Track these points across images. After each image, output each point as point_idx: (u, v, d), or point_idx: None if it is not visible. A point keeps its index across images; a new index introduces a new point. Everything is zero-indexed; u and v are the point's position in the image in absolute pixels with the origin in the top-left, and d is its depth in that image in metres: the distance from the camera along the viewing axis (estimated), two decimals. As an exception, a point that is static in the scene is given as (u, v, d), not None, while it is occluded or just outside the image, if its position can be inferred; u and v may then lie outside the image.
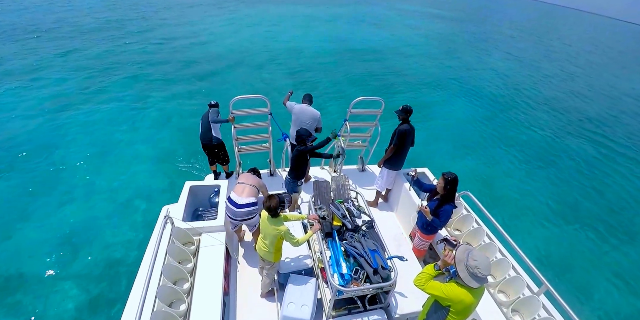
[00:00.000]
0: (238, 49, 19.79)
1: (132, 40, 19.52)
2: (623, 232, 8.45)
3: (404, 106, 4.97)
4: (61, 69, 14.29)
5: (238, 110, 5.15)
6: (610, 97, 20.46)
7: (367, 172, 6.48)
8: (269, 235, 3.52)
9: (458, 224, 5.02)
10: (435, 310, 2.81)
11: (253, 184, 4.20)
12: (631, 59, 39.64)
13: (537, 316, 3.60)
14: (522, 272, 4.06)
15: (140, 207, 7.41)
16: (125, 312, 3.21)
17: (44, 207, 7.13)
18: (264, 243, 3.60)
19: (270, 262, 3.70)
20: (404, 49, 24.83)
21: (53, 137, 9.52)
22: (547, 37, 45.03)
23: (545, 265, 5.87)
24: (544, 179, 10.52)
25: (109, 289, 5.67)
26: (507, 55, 27.70)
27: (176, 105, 12.23)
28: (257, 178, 4.42)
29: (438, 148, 10.83)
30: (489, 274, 2.55)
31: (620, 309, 6.20)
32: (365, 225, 4.08)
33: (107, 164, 8.67)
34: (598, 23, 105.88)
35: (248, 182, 4.18)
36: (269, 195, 3.47)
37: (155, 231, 3.96)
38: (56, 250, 6.28)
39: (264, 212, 3.57)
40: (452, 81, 18.66)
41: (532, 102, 17.21)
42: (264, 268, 3.86)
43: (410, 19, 40.11)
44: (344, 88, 15.60)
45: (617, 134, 14.79)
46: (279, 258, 3.74)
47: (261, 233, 3.66)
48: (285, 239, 3.52)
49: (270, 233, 3.48)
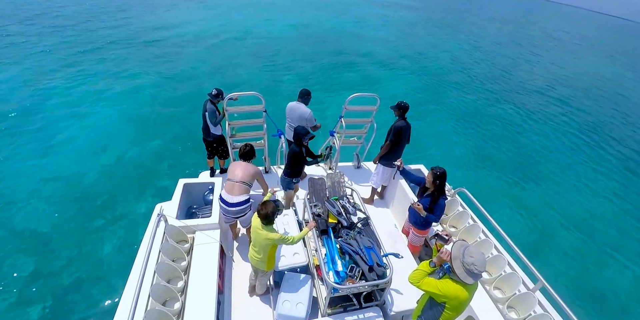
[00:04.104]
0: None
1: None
2: (525, 175, 10.73)
3: (399, 102, 4.94)
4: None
5: (232, 108, 5.10)
6: (546, 79, 22.31)
7: (362, 169, 6.46)
8: (259, 244, 3.37)
9: (454, 221, 5.02)
10: (430, 306, 2.80)
11: (242, 179, 3.99)
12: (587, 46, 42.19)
13: (533, 312, 3.60)
14: (517, 268, 4.06)
15: (133, 205, 7.34)
16: (119, 311, 3.17)
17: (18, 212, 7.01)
18: (254, 251, 3.47)
19: (263, 270, 3.61)
20: (364, 32, 27.21)
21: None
22: (523, 27, 47.83)
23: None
24: (468, 134, 12.63)
25: (101, 287, 5.60)
26: (467, 42, 29.50)
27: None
28: (248, 167, 4.10)
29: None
30: (484, 270, 2.54)
31: (518, 234, 7.95)
32: (360, 222, 4.05)
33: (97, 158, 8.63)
34: (577, 16, 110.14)
35: (237, 179, 3.99)
36: (263, 201, 3.33)
37: (149, 229, 3.91)
38: (39, 247, 6.20)
39: (256, 219, 3.38)
40: (403, 60, 20.79)
41: (473, 78, 19.55)
42: (257, 274, 3.77)
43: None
44: (301, 64, 17.40)
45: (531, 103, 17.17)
46: (272, 266, 3.64)
47: (252, 241, 3.50)
48: (279, 244, 3.43)
49: (262, 242, 3.34)
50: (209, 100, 5.55)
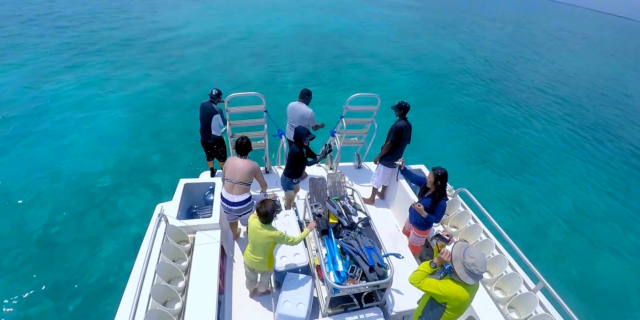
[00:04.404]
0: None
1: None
2: (517, 167, 11.01)
3: (399, 102, 4.93)
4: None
5: (234, 108, 5.10)
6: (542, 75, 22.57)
7: (363, 169, 6.45)
8: (260, 244, 3.34)
9: (455, 221, 5.01)
10: (431, 307, 2.79)
11: (240, 180, 3.95)
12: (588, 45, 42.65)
13: (534, 313, 3.59)
14: (518, 269, 4.05)
15: (133, 205, 7.35)
16: (119, 311, 3.17)
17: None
18: (253, 253, 3.43)
19: (264, 271, 3.60)
20: (365, 32, 27.36)
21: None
22: (523, 26, 48.04)
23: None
24: (464, 130, 12.89)
25: (102, 288, 5.60)
26: (468, 42, 29.46)
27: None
28: (245, 165, 3.96)
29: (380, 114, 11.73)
30: (485, 270, 2.54)
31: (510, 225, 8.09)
32: (361, 222, 4.05)
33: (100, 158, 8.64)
34: (577, 15, 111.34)
35: (235, 180, 3.97)
36: (263, 200, 3.29)
37: (149, 229, 3.92)
38: (40, 248, 6.21)
39: (253, 220, 3.34)
40: (405, 60, 20.76)
41: (474, 78, 19.61)
42: (257, 275, 3.75)
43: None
44: (302, 64, 17.51)
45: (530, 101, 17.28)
46: (272, 265, 3.63)
47: (249, 244, 3.45)
48: (280, 242, 3.42)
49: (262, 242, 3.31)
50: (210, 102, 5.56)
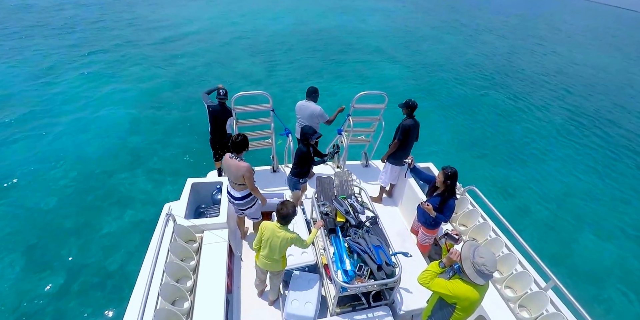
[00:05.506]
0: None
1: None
2: (511, 156, 11.22)
3: (406, 100, 4.89)
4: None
5: (240, 107, 5.11)
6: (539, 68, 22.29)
7: (370, 168, 6.42)
8: (277, 246, 3.29)
9: (463, 219, 4.96)
10: (440, 307, 2.76)
11: (235, 180, 3.94)
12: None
13: (545, 311, 3.54)
14: (529, 267, 4.00)
15: (141, 205, 7.41)
16: (128, 310, 3.20)
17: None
18: (269, 254, 3.38)
19: (280, 270, 3.60)
20: (370, 28, 27.22)
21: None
22: (527, 20, 47.96)
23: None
24: (459, 120, 13.13)
25: (110, 287, 5.65)
26: (473, 38, 29.17)
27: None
28: (236, 167, 3.79)
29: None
30: (495, 270, 2.50)
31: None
32: (369, 221, 4.02)
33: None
34: (579, 8, 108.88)
35: (230, 178, 3.99)
36: (284, 201, 3.25)
37: (157, 229, 3.94)
38: (45, 246, 6.27)
39: (269, 224, 3.32)
40: (411, 57, 20.68)
41: (480, 74, 19.40)
42: (267, 275, 3.75)
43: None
44: (309, 62, 17.67)
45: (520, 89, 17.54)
46: (286, 263, 3.66)
47: (264, 248, 3.38)
48: (295, 245, 3.40)
49: (280, 244, 3.27)
50: (220, 104, 5.56)
